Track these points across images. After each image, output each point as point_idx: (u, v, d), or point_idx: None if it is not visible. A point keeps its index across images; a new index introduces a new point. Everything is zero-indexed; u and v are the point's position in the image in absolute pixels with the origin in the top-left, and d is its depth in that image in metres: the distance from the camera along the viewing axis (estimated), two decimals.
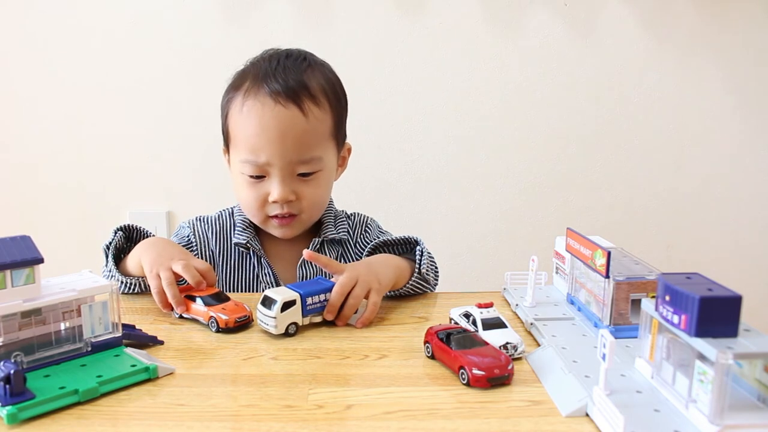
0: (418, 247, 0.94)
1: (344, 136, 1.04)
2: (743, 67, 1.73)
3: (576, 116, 1.72)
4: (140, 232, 0.97)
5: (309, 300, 0.77)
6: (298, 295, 0.76)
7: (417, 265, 0.91)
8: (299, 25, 1.63)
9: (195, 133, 1.66)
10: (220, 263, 1.02)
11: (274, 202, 0.94)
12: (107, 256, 0.91)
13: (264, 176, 0.93)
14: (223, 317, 0.76)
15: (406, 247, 0.99)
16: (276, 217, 0.96)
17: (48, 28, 1.62)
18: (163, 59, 1.64)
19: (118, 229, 0.94)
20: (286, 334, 0.76)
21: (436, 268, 0.98)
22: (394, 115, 1.69)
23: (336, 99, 0.98)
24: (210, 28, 1.63)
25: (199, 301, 0.80)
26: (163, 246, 0.88)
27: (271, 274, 1.00)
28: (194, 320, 0.80)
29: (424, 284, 0.93)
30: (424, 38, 1.66)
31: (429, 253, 0.96)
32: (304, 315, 0.77)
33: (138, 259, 0.87)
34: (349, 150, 1.06)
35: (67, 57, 1.64)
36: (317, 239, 1.02)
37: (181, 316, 0.81)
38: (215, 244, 1.03)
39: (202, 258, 1.01)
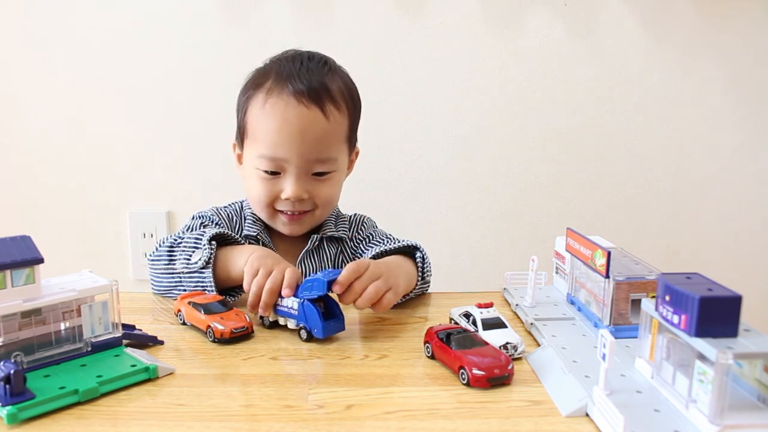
0: (418, 253, 0.94)
1: (356, 140, 1.07)
2: (743, 67, 1.73)
3: (576, 116, 1.72)
4: (228, 238, 0.93)
5: (278, 300, 0.79)
6: None
7: (420, 272, 0.92)
8: (299, 25, 1.63)
9: (195, 133, 1.66)
10: None
11: (286, 199, 0.95)
12: (203, 273, 0.86)
13: (279, 173, 0.95)
14: (219, 327, 0.73)
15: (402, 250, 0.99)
16: (285, 213, 0.98)
17: (48, 28, 1.62)
18: (163, 59, 1.64)
19: (210, 239, 0.88)
20: (263, 324, 0.80)
21: (430, 267, 0.98)
22: (394, 115, 1.69)
23: (353, 104, 1.01)
24: (210, 28, 1.63)
25: (200, 308, 0.77)
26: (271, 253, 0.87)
27: None
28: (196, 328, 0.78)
29: (425, 287, 0.95)
30: (424, 38, 1.66)
31: (426, 255, 0.97)
32: (275, 311, 0.80)
33: (243, 264, 0.84)
34: (357, 153, 1.09)
35: (67, 57, 1.64)
36: (317, 236, 1.04)
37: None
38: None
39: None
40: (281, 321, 0.79)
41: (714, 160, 1.77)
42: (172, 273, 0.90)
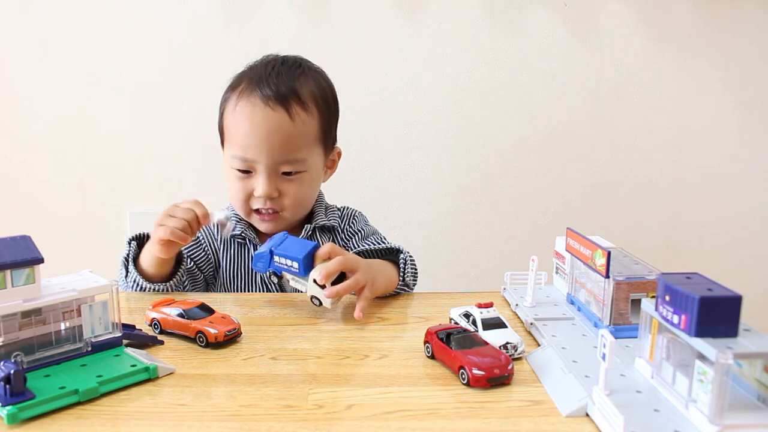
0: (401, 256, 0.97)
1: (333, 140, 1.09)
2: (743, 66, 1.73)
3: (576, 116, 1.72)
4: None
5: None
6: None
7: (401, 274, 0.95)
8: (299, 25, 1.63)
9: (195, 133, 1.66)
10: (221, 256, 1.06)
11: (258, 197, 0.99)
12: (127, 269, 0.94)
13: (251, 172, 0.99)
14: (212, 331, 0.72)
15: (387, 252, 1.02)
16: (259, 212, 1.02)
17: (48, 27, 1.62)
18: (163, 59, 1.65)
19: (131, 239, 0.97)
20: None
21: (416, 270, 1.01)
22: (395, 114, 1.69)
23: (326, 106, 1.03)
24: (210, 28, 1.63)
25: (182, 314, 0.75)
26: None
27: None
28: (178, 336, 0.75)
29: (406, 289, 0.98)
30: (424, 38, 1.66)
31: (410, 256, 1.00)
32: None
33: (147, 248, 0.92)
34: (339, 154, 1.12)
35: (66, 57, 1.64)
36: (309, 226, 1.07)
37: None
38: (217, 239, 1.07)
39: (208, 251, 1.06)
40: (291, 283, 0.83)
41: (714, 160, 1.77)
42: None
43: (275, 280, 0.85)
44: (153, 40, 1.63)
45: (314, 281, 0.81)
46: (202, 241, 1.06)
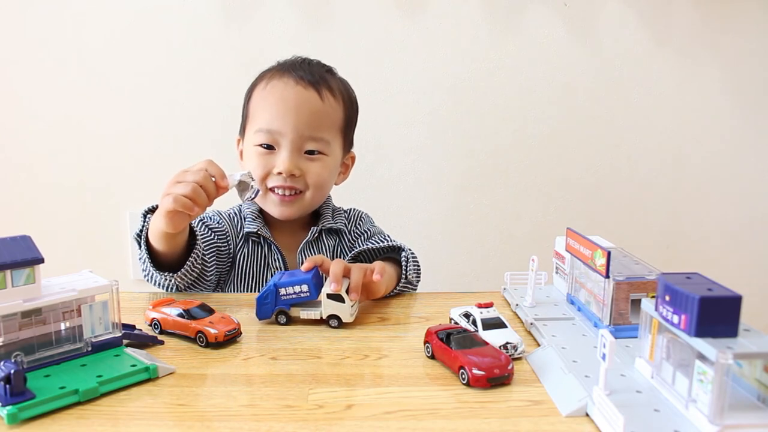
0: (403, 254, 0.98)
1: (351, 142, 1.11)
2: (743, 66, 1.73)
3: (576, 116, 1.72)
4: None
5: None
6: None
7: (404, 272, 0.95)
8: (299, 25, 1.63)
9: (195, 133, 1.66)
10: (235, 252, 1.06)
11: (279, 173, 0.99)
12: (140, 245, 0.88)
13: (274, 148, 1.00)
14: (212, 331, 0.72)
15: (389, 250, 1.02)
16: (277, 193, 1.00)
17: (48, 27, 1.62)
18: (163, 58, 1.64)
19: (147, 212, 0.89)
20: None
21: (419, 267, 1.00)
22: (394, 114, 1.69)
23: (350, 102, 1.07)
24: (210, 28, 1.63)
25: (182, 314, 0.75)
26: None
27: (280, 259, 1.05)
28: (178, 336, 0.75)
29: (409, 287, 0.97)
30: (424, 38, 1.66)
31: (413, 253, 1.00)
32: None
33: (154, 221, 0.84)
34: (353, 158, 1.13)
35: (66, 57, 1.64)
36: (315, 228, 1.07)
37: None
38: (239, 235, 1.07)
39: (228, 245, 1.04)
40: (303, 315, 0.80)
41: (713, 160, 1.77)
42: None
43: (283, 320, 0.80)
44: (153, 40, 1.63)
45: (327, 296, 0.79)
46: (227, 234, 1.04)
